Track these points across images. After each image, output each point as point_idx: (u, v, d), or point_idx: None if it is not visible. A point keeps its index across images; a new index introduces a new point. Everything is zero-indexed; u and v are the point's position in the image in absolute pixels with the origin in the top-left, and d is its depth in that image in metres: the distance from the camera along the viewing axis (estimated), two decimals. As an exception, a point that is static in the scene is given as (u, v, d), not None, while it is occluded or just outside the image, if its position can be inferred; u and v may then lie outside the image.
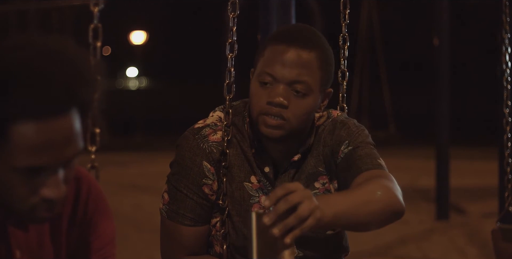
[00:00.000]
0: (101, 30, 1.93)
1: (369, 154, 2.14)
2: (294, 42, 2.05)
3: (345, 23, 2.64)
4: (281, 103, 2.04)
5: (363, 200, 1.87)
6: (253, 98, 2.09)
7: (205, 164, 2.13)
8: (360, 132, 2.19)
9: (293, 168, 2.17)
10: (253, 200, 2.16)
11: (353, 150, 2.14)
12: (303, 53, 2.05)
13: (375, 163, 2.11)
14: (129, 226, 7.54)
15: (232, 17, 2.30)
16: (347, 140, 2.17)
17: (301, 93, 2.05)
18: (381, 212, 1.91)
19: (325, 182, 2.19)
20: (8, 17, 15.06)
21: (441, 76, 8.07)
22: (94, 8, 1.92)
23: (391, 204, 1.94)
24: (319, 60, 2.07)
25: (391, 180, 2.03)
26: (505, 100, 3.66)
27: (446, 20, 8.12)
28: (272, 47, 2.07)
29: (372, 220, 1.89)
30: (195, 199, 2.14)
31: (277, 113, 2.05)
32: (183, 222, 2.16)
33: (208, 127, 2.17)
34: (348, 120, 2.23)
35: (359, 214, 1.84)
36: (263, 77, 2.06)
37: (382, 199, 1.91)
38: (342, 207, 1.79)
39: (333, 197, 1.89)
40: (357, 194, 1.90)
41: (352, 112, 16.77)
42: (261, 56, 2.10)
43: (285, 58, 2.04)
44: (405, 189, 7.94)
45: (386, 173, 2.09)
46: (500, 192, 5.72)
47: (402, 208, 1.97)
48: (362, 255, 6.04)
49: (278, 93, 2.04)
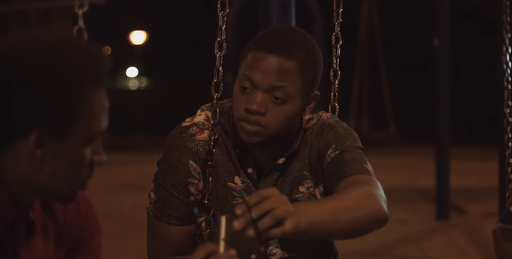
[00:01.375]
0: (85, 31, 1.94)
1: (356, 158, 2.10)
2: (275, 49, 2.02)
3: (338, 22, 2.63)
4: (258, 111, 2.02)
5: (343, 208, 1.83)
6: (234, 101, 2.08)
7: (191, 163, 2.12)
8: (348, 136, 2.16)
9: (278, 171, 2.15)
10: (237, 201, 2.14)
11: (339, 155, 2.11)
12: (282, 60, 2.01)
13: (361, 168, 2.07)
14: (129, 226, 7.54)
15: (222, 15, 2.29)
16: (334, 144, 2.13)
17: (280, 99, 2.02)
18: (362, 220, 1.86)
19: (310, 186, 2.16)
20: (8, 17, 15.07)
21: (441, 76, 8.07)
22: (79, 10, 1.92)
23: (373, 212, 1.89)
24: (300, 67, 2.03)
25: (375, 186, 1.99)
26: (505, 100, 3.65)
27: (446, 20, 8.12)
28: (254, 52, 2.04)
29: (352, 228, 1.85)
30: (181, 198, 2.13)
31: (254, 120, 2.03)
32: (169, 221, 2.15)
33: (195, 126, 2.16)
34: (337, 123, 2.19)
35: (338, 222, 1.80)
36: (243, 82, 2.04)
37: (363, 206, 1.87)
38: (319, 215, 1.75)
39: (310, 205, 1.82)
40: (337, 202, 1.85)
41: (352, 112, 16.78)
42: (243, 59, 2.07)
43: (264, 66, 2.01)
44: (405, 189, 7.93)
45: (371, 178, 2.04)
46: (501, 192, 5.72)
47: (384, 215, 1.91)
48: (362, 255, 6.04)
49: (255, 100, 2.02)
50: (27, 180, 1.48)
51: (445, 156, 8.05)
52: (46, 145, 1.44)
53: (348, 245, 2.09)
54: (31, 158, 1.45)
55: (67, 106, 1.43)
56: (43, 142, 1.43)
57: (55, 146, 1.45)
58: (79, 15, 1.91)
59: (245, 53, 2.08)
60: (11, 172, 1.47)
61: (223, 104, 2.20)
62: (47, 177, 1.47)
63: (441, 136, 8.10)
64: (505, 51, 3.64)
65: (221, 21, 2.29)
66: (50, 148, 1.44)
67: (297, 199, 2.15)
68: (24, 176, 1.47)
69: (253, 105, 2.02)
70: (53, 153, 1.45)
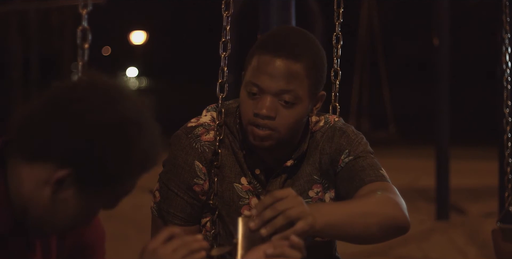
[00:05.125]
0: (89, 32, 1.93)
1: (372, 164, 2.10)
2: (281, 52, 2.01)
3: (338, 22, 2.63)
4: (268, 115, 2.02)
5: (361, 212, 1.83)
6: (242, 105, 2.07)
7: (197, 163, 2.12)
8: (359, 140, 2.16)
9: (286, 173, 2.14)
10: (243, 202, 2.14)
11: (354, 160, 2.11)
12: (289, 63, 2.00)
13: (378, 175, 2.08)
14: (129, 226, 7.53)
15: (226, 16, 2.29)
16: (347, 149, 2.13)
17: (290, 103, 2.02)
18: (381, 226, 1.86)
19: (319, 191, 2.16)
20: (8, 17, 15.06)
21: (441, 76, 8.07)
22: (82, 10, 1.92)
23: (394, 218, 1.89)
24: (307, 69, 2.03)
25: (394, 192, 2.00)
26: (505, 100, 3.65)
27: (446, 20, 8.12)
28: (259, 56, 2.03)
29: (370, 233, 1.85)
30: (185, 198, 2.13)
31: (264, 124, 2.03)
32: (173, 221, 2.15)
33: (201, 126, 2.16)
34: (347, 128, 2.20)
35: (355, 225, 1.80)
36: (250, 88, 2.03)
37: (383, 212, 1.87)
38: (336, 216, 1.75)
39: (328, 205, 1.84)
40: (356, 205, 1.86)
41: (352, 112, 16.76)
42: (249, 64, 2.06)
43: (271, 69, 2.00)
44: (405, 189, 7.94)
45: (390, 185, 2.05)
46: (500, 192, 5.71)
47: (406, 222, 1.91)
48: (362, 255, 6.03)
49: (265, 105, 2.01)
50: (25, 199, 1.47)
51: (445, 156, 8.04)
52: (65, 185, 1.44)
53: (349, 245, 2.09)
54: (43, 186, 1.44)
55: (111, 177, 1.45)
56: (65, 181, 1.44)
57: (71, 192, 1.45)
58: (83, 15, 1.91)
59: (250, 57, 2.06)
60: (15, 184, 1.46)
61: (228, 105, 2.20)
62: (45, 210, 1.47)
63: (441, 136, 8.10)
64: (504, 51, 3.64)
65: (225, 21, 2.29)
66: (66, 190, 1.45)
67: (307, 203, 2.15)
68: (24, 196, 1.47)
69: (263, 110, 2.01)
70: (65, 196, 1.45)
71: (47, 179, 1.43)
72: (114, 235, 6.72)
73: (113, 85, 1.53)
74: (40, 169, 1.44)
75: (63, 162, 1.42)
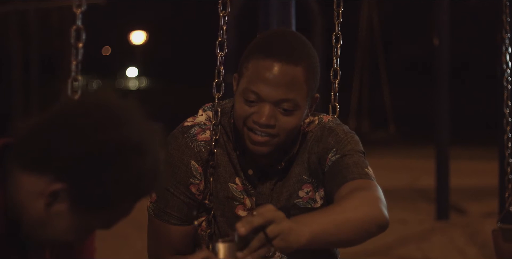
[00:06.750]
0: (84, 31, 1.92)
1: (357, 162, 2.07)
2: (278, 57, 1.97)
3: (338, 21, 2.62)
4: (268, 124, 2.00)
5: (344, 218, 1.81)
6: (237, 109, 2.04)
7: (193, 163, 2.12)
8: (349, 139, 2.13)
9: (277, 175, 2.13)
10: (237, 202, 2.14)
11: (340, 158, 2.08)
12: (288, 69, 1.97)
13: (362, 173, 2.05)
14: (129, 226, 7.52)
15: (223, 15, 2.29)
16: (335, 147, 2.11)
17: (289, 110, 2.00)
18: (363, 228, 1.85)
19: (309, 191, 2.15)
20: (8, 17, 15.06)
21: (441, 76, 8.06)
22: (77, 9, 1.91)
23: (374, 219, 1.88)
24: (305, 73, 2.00)
25: (375, 190, 1.97)
26: (505, 100, 3.65)
27: (446, 20, 8.11)
28: (256, 61, 1.99)
29: (354, 237, 1.84)
30: (182, 198, 2.13)
31: (264, 131, 2.01)
32: (170, 221, 2.15)
33: (197, 126, 2.15)
34: (337, 126, 2.17)
35: (340, 232, 1.79)
36: (247, 95, 2.00)
37: (364, 215, 1.85)
38: (321, 226, 1.74)
39: (311, 217, 1.80)
40: (338, 212, 1.84)
41: (352, 112, 16.76)
42: (245, 68, 2.03)
43: (270, 76, 1.97)
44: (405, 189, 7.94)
45: (372, 183, 2.02)
46: (500, 192, 5.71)
47: (385, 221, 1.90)
48: (362, 255, 6.03)
49: (264, 113, 1.99)
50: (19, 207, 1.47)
51: (445, 156, 8.04)
52: (59, 199, 1.44)
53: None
54: (37, 196, 1.44)
55: (106, 197, 1.44)
56: (59, 195, 1.43)
57: (65, 206, 1.44)
58: (77, 15, 1.91)
59: (246, 61, 2.03)
60: (12, 190, 1.46)
61: (224, 104, 2.19)
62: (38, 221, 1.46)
63: (441, 136, 8.10)
64: (504, 51, 3.64)
65: (222, 21, 2.28)
66: (60, 204, 1.44)
67: (296, 204, 2.15)
68: (19, 204, 1.46)
69: (262, 118, 1.99)
70: (58, 210, 1.45)
71: (42, 191, 1.43)
72: (114, 234, 6.71)
73: (123, 105, 1.52)
74: (36, 179, 1.43)
75: (60, 176, 1.42)
